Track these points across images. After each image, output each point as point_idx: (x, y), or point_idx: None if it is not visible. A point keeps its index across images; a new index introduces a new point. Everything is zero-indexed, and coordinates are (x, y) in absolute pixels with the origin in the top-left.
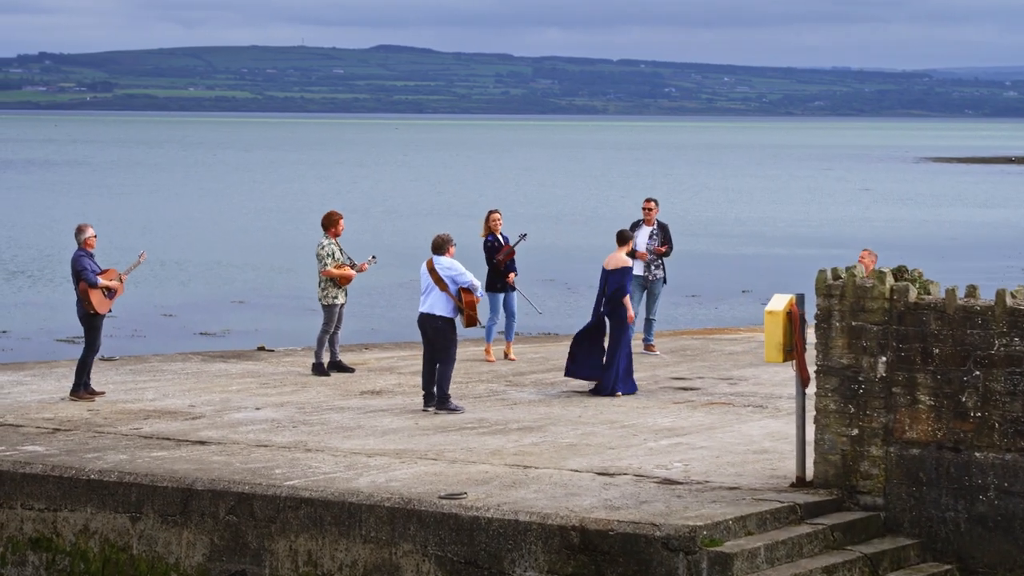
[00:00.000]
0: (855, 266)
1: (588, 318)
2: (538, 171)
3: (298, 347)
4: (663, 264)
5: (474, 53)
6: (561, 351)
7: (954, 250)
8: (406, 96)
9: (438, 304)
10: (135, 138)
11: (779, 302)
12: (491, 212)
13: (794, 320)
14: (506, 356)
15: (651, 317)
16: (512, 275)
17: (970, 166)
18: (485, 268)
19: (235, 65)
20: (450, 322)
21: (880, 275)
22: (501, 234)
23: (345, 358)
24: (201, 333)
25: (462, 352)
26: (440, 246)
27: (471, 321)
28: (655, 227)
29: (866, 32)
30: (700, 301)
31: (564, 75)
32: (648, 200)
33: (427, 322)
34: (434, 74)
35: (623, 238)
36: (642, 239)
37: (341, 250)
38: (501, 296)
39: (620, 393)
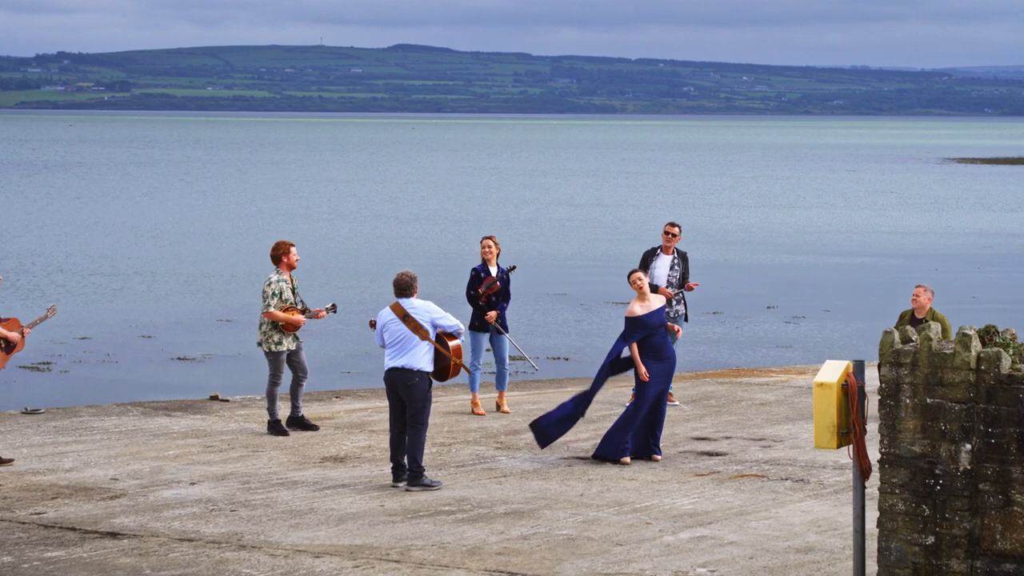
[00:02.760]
0: (927, 326)
1: (604, 338)
2: (547, 173)
3: (258, 395)
4: (684, 299)
5: (492, 52)
6: (564, 397)
7: (991, 259)
8: (424, 95)
9: (417, 356)
10: (146, 138)
11: (832, 371)
12: (483, 238)
13: (851, 395)
14: (498, 408)
15: None
16: (492, 313)
17: (995, 167)
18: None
19: (253, 64)
20: (428, 378)
21: (964, 339)
22: (499, 266)
23: (311, 410)
24: (179, 358)
25: (447, 404)
26: (408, 286)
27: (455, 369)
28: (675, 256)
29: (885, 31)
30: (723, 319)
31: (582, 74)
32: (671, 224)
33: (401, 379)
34: (452, 73)
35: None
36: (661, 270)
37: (294, 289)
38: (484, 337)
39: (628, 459)
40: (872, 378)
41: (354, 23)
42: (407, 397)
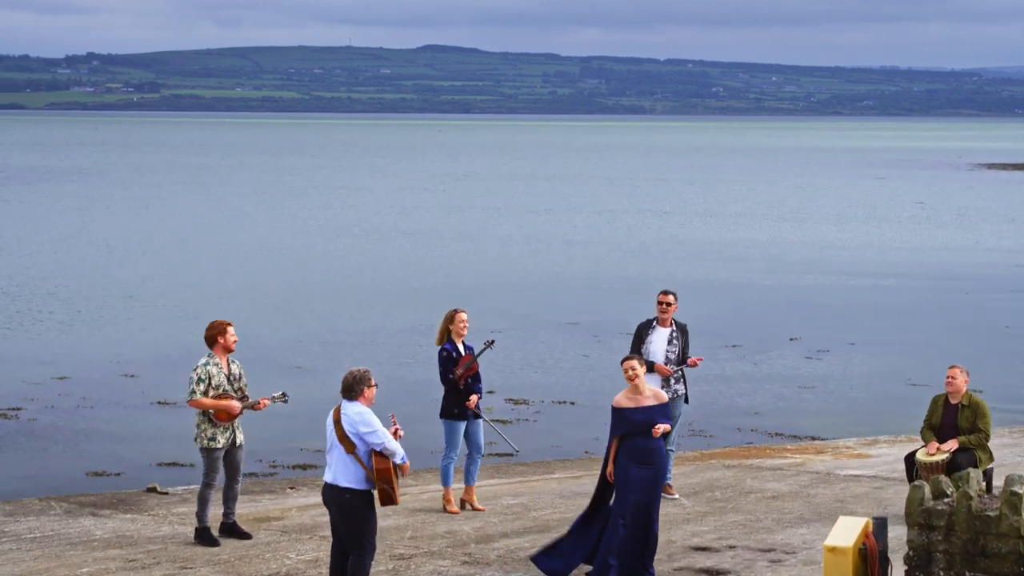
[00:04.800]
0: (965, 474)
1: (616, 381)
2: (562, 179)
3: None
4: (684, 377)
5: (521, 53)
6: (550, 488)
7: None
8: (453, 96)
9: (344, 471)
10: (167, 142)
11: (846, 532)
12: (455, 312)
13: (871, 560)
14: (470, 505)
15: (669, 448)
16: (475, 398)
17: None
18: (442, 387)
19: (282, 65)
20: (363, 496)
21: (1012, 499)
22: (464, 343)
23: (259, 505)
24: (159, 402)
25: (415, 499)
26: (351, 387)
27: (386, 498)
28: (674, 328)
29: (914, 31)
30: (742, 353)
31: (611, 75)
32: (665, 293)
33: (330, 496)
34: (481, 74)
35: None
36: (658, 345)
37: (231, 375)
38: (462, 425)
39: None
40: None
41: (382, 24)
42: (339, 518)
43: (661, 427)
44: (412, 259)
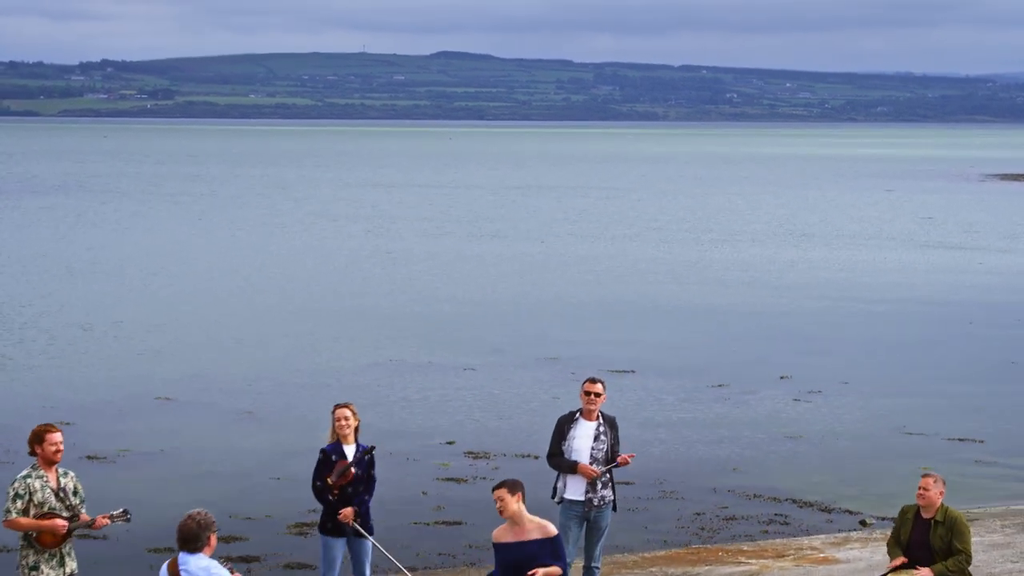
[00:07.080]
0: None
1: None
2: (556, 189)
3: None
4: (612, 480)
5: (534, 59)
6: None
7: None
8: (467, 103)
9: None
10: (172, 151)
11: None
12: (335, 407)
13: None
14: None
15: (594, 564)
16: (348, 511)
17: None
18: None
19: (296, 72)
20: None
21: None
22: (358, 443)
23: None
24: (88, 456)
25: None
26: (195, 538)
27: None
28: (601, 422)
29: (929, 36)
30: (726, 394)
31: (625, 81)
32: (592, 382)
33: None
34: (495, 80)
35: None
36: (583, 441)
37: (60, 491)
38: (339, 543)
39: None
40: None
41: (396, 30)
42: None
43: (540, 571)
44: (391, 282)
